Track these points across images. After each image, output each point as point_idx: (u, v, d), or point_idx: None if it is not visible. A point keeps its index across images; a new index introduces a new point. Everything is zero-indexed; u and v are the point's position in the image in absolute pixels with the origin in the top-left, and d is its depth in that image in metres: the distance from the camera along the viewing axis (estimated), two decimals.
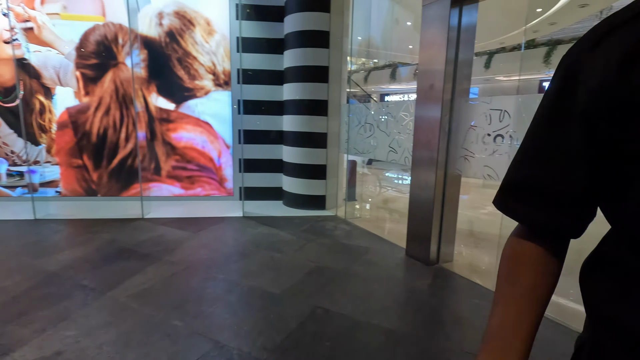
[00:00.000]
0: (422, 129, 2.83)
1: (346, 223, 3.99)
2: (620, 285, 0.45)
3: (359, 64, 15.83)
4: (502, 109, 2.36)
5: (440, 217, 2.85)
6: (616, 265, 0.46)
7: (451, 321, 2.10)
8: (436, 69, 2.66)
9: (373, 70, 15.59)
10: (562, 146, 0.47)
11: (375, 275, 2.68)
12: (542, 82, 14.28)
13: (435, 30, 2.64)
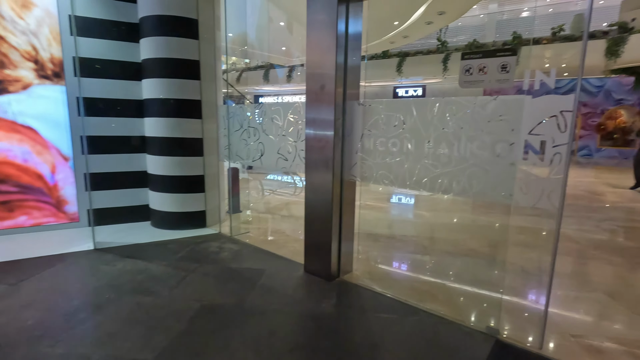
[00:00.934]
0: (315, 133, 2.58)
1: (233, 241, 3.48)
2: None
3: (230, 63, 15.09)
4: (395, 113, 2.29)
5: (339, 226, 2.67)
6: None
7: (367, 347, 1.90)
8: (326, 72, 2.44)
9: (246, 71, 15.07)
10: None
11: (276, 305, 2.30)
12: (395, 88, 16.32)
13: (323, 31, 2.42)
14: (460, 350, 1.87)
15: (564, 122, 1.70)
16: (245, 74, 14.94)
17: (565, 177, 1.72)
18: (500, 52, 1.82)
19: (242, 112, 3.35)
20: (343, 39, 2.43)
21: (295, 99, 18.70)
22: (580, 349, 1.93)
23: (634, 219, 4.85)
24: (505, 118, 1.85)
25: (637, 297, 2.57)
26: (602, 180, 8.26)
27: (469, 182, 2.01)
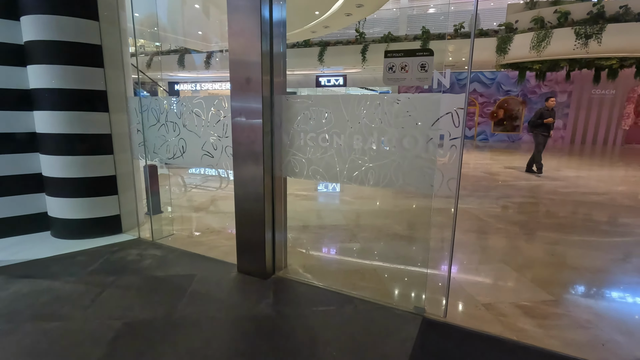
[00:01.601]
0: (242, 128, 2.47)
1: (156, 246, 3.20)
2: None
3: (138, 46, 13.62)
4: (323, 108, 2.29)
5: (272, 222, 2.62)
6: None
7: (307, 344, 1.92)
8: (251, 60, 2.33)
9: (157, 55, 13.76)
10: None
11: (210, 312, 2.19)
12: (318, 77, 16.52)
13: (246, 16, 2.30)
14: (394, 333, 2.00)
15: (458, 118, 1.89)
16: (157, 59, 13.65)
17: (460, 167, 1.93)
18: (420, 52, 1.94)
19: (159, 105, 3.05)
20: (267, 25, 2.33)
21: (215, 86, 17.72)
22: (488, 315, 2.22)
23: (523, 194, 5.70)
24: (415, 114, 1.99)
25: (529, 263, 3.04)
26: (497, 161, 9.53)
27: (395, 175, 2.12)
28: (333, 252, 3.27)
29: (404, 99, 2.03)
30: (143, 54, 13.71)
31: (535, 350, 1.88)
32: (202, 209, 4.59)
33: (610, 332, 2.07)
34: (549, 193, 5.80)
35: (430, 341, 1.94)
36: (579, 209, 4.93)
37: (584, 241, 3.61)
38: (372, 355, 1.82)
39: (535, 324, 2.15)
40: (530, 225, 4.10)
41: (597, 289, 2.63)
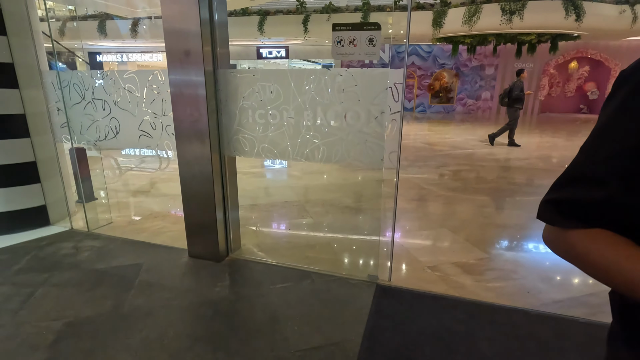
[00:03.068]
0: (184, 105, 2.30)
1: (93, 237, 2.94)
2: None
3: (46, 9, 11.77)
4: (271, 83, 2.21)
5: (222, 202, 2.53)
6: None
7: (268, 322, 1.93)
8: (190, 30, 2.14)
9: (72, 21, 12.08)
10: (620, 174, 0.44)
11: (163, 300, 2.10)
12: (259, 48, 15.82)
13: None
14: (351, 302, 2.10)
15: (397, 92, 1.96)
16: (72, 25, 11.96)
17: (400, 140, 2.02)
18: (368, 26, 1.92)
19: (82, 80, 2.70)
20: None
21: (145, 57, 16.15)
22: (433, 276, 2.42)
23: (459, 163, 6.16)
24: (359, 89, 2.01)
25: (465, 225, 3.34)
26: (434, 132, 10.12)
27: (346, 150, 2.15)
28: (286, 229, 3.29)
29: (347, 75, 2.03)
30: (54, 18, 11.96)
31: (474, 303, 2.11)
32: (141, 193, 4.28)
33: (533, 280, 2.38)
34: (481, 160, 6.33)
35: (384, 305, 2.07)
36: (505, 173, 5.47)
37: (509, 202, 4.04)
38: (332, 325, 1.90)
39: (473, 279, 2.39)
40: (465, 191, 4.47)
41: (521, 243, 2.98)
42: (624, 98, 0.44)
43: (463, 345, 1.75)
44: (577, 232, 0.50)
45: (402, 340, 1.78)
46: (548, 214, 0.54)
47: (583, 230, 0.49)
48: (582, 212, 0.49)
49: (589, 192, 0.47)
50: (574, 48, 13.57)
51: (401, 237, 3.06)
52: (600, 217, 0.47)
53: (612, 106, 0.45)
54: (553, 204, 0.53)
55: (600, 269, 0.46)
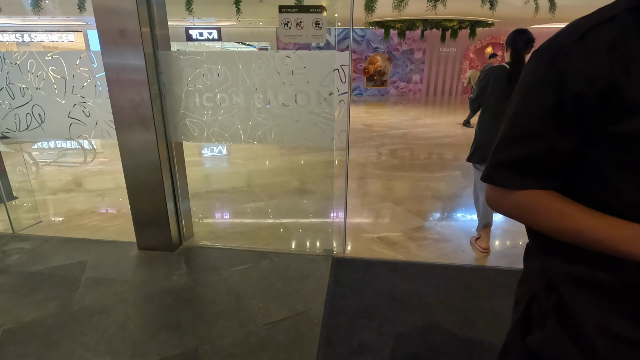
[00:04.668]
0: (123, 90, 2.16)
1: (21, 238, 2.65)
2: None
3: None
4: (218, 65, 2.17)
5: (172, 190, 2.46)
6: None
7: (232, 302, 1.97)
8: (124, 7, 2.00)
9: None
10: (552, 125, 0.54)
11: (117, 295, 2.01)
12: (188, 30, 14.85)
13: None
14: (310, 275, 2.22)
15: (344, 74, 2.09)
16: None
17: (348, 120, 2.16)
18: (314, 9, 1.98)
19: None
20: None
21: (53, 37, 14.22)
22: (382, 245, 2.64)
23: (395, 142, 6.57)
24: (307, 71, 2.09)
25: (407, 199, 3.64)
26: (371, 114, 10.57)
27: (297, 131, 2.22)
28: (240, 214, 3.28)
29: (295, 57, 2.08)
30: None
31: (419, 264, 2.36)
32: (70, 189, 3.91)
33: (466, 241, 2.72)
34: (415, 139, 6.82)
35: (341, 275, 2.22)
36: (436, 150, 5.98)
37: (441, 176, 4.47)
38: (295, 298, 2.00)
39: (416, 244, 2.66)
40: (402, 168, 4.83)
41: (454, 210, 3.36)
42: (542, 69, 0.55)
43: (413, 300, 1.97)
44: (522, 192, 0.58)
45: (360, 303, 1.96)
46: (494, 177, 0.61)
47: (528, 191, 0.58)
48: (528, 169, 0.57)
49: (531, 147, 0.56)
50: (489, 34, 14.96)
51: (350, 214, 3.25)
52: (545, 170, 0.57)
53: (530, 76, 0.56)
54: (496, 166, 0.61)
55: (542, 225, 0.57)
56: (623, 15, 0.48)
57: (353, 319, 1.84)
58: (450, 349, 1.65)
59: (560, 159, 0.56)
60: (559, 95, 0.52)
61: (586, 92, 0.50)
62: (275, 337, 1.71)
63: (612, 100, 0.48)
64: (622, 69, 0.47)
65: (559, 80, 0.52)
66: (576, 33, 0.51)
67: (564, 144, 0.54)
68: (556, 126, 0.54)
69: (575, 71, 0.50)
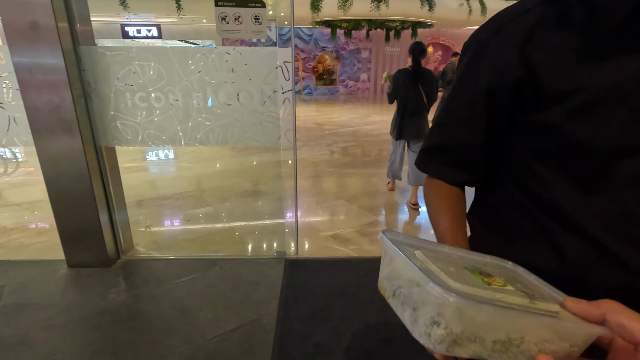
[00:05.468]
0: (39, 90, 1.91)
1: None
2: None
3: None
4: (151, 62, 2.00)
5: (105, 199, 2.24)
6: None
7: (177, 316, 1.84)
8: (35, 0, 1.77)
9: None
10: (468, 117, 0.56)
11: (43, 322, 1.78)
12: (124, 26, 13.87)
13: None
14: (262, 279, 2.14)
15: (287, 71, 2.05)
16: None
17: (294, 118, 2.13)
18: (252, 3, 1.90)
19: None
20: None
21: None
22: (335, 243, 2.63)
23: (346, 140, 6.65)
24: (248, 68, 2.01)
25: (357, 196, 3.68)
26: (322, 113, 10.63)
27: (241, 131, 2.12)
28: (185, 221, 3.10)
29: (235, 53, 1.99)
30: None
31: (371, 259, 2.38)
32: None
33: (414, 233, 2.80)
34: (365, 136, 6.96)
35: (294, 277, 2.17)
36: (386, 146, 6.14)
37: None
38: (247, 305, 1.91)
39: (368, 240, 2.68)
40: (354, 165, 4.89)
41: (404, 203, 3.45)
42: (465, 64, 0.56)
43: (367, 296, 1.98)
44: (432, 183, 0.62)
45: (314, 304, 1.92)
46: (418, 161, 0.65)
47: (434, 182, 0.62)
48: (444, 158, 0.60)
49: (448, 138, 0.59)
50: (430, 35, 15.75)
51: (303, 213, 3.21)
52: (458, 161, 0.59)
53: (459, 70, 0.58)
54: (421, 152, 0.64)
55: (430, 216, 0.62)
56: (540, 6, 0.48)
57: (307, 322, 1.80)
58: (405, 342, 1.67)
59: (469, 151, 0.58)
60: (474, 90, 0.54)
61: (497, 85, 0.51)
62: (225, 350, 1.61)
63: (527, 92, 0.48)
64: (537, 61, 0.47)
65: (476, 75, 0.53)
66: (494, 27, 0.52)
67: (472, 136, 0.56)
68: (468, 119, 0.56)
69: (489, 65, 0.51)
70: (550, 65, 0.46)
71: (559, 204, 0.48)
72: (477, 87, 0.53)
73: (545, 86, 0.46)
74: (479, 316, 0.28)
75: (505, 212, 0.57)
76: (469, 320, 0.28)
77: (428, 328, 0.29)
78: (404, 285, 0.33)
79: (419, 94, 3.11)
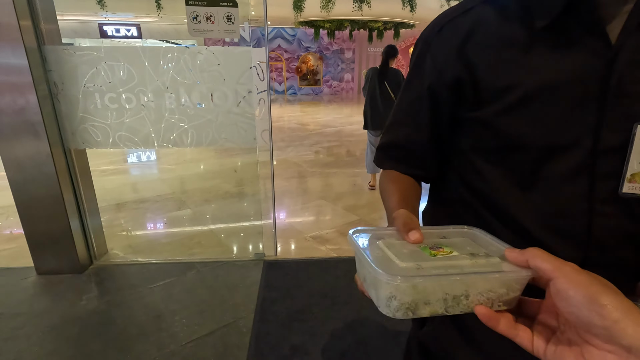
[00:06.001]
0: (1, 90, 1.84)
1: None
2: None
3: None
4: (120, 62, 1.95)
5: (76, 204, 2.17)
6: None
7: (151, 322, 1.79)
8: None
9: None
10: (413, 114, 0.57)
11: (7, 333, 1.71)
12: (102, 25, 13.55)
13: None
14: (240, 282, 2.12)
15: (262, 71, 2.03)
16: None
17: (270, 118, 2.11)
18: (224, 3, 1.87)
19: None
20: None
21: None
22: (314, 243, 2.63)
23: (330, 140, 6.65)
24: (222, 69, 1.99)
25: (340, 196, 3.68)
26: (306, 113, 10.62)
27: (216, 132, 2.09)
28: (163, 225, 3.04)
29: (208, 53, 1.96)
30: None
31: (350, 259, 2.38)
32: None
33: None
34: (348, 136, 6.98)
35: (272, 279, 2.15)
36: None
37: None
38: (223, 309, 1.88)
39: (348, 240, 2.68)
40: (337, 164, 4.90)
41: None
42: (412, 63, 0.57)
43: (344, 296, 1.98)
44: (384, 171, 0.64)
45: (292, 305, 1.91)
46: (376, 157, 0.66)
47: (387, 170, 0.63)
48: (394, 153, 0.62)
49: (397, 134, 0.60)
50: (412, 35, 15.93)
51: (284, 214, 3.19)
52: (406, 156, 0.60)
53: (409, 67, 0.58)
54: (378, 148, 0.65)
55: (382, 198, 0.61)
56: (480, 7, 0.49)
57: (284, 323, 1.78)
58: (380, 342, 1.68)
59: (416, 147, 0.59)
60: (419, 88, 0.55)
61: (437, 84, 0.52)
62: (199, 355, 1.58)
63: (466, 90, 0.49)
64: (475, 59, 0.47)
65: (422, 73, 0.54)
66: (438, 26, 0.52)
67: (418, 134, 0.57)
68: (414, 117, 0.57)
69: (430, 64, 0.52)
70: (487, 63, 0.46)
71: (499, 200, 0.49)
72: (421, 85, 0.54)
73: (483, 84, 0.47)
74: (420, 286, 0.36)
75: (453, 210, 0.57)
76: (413, 291, 0.36)
77: (387, 301, 0.37)
78: (367, 273, 0.40)
79: (386, 90, 3.46)
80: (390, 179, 0.62)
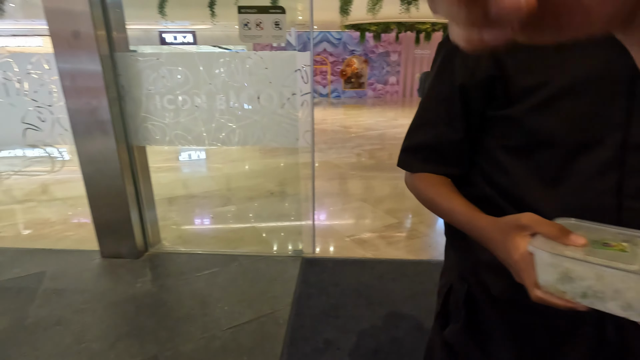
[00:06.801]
0: (79, 93, 2.09)
1: None
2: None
3: None
4: (177, 67, 2.13)
5: (136, 196, 2.39)
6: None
7: (197, 307, 1.93)
8: (77, 9, 1.95)
9: None
10: (445, 114, 0.58)
11: (76, 305, 1.94)
12: (161, 33, 14.58)
13: None
14: (279, 276, 2.20)
15: (306, 74, 2.09)
16: None
17: (312, 120, 2.16)
18: (273, 10, 1.98)
19: None
20: None
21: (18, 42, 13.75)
22: (352, 244, 2.65)
23: (372, 143, 6.63)
24: (269, 72, 2.08)
25: (380, 199, 3.68)
26: (349, 116, 10.65)
27: (262, 132, 2.20)
28: (209, 219, 3.23)
29: (256, 57, 2.07)
30: None
31: (387, 261, 2.38)
32: (31, 199, 3.75)
33: (434, 236, 2.77)
34: (391, 139, 6.91)
35: (310, 275, 2.22)
36: None
37: None
38: (261, 300, 1.98)
39: (385, 242, 2.68)
40: (379, 167, 4.88)
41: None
42: (440, 63, 0.58)
43: (380, 296, 1.99)
44: (417, 175, 0.64)
45: (327, 302, 1.95)
46: (400, 160, 0.67)
47: (419, 174, 0.63)
48: (424, 155, 0.62)
49: (426, 135, 0.61)
50: None
51: (323, 214, 3.26)
52: (438, 156, 0.61)
53: (434, 69, 0.60)
54: (403, 151, 0.66)
55: (427, 205, 0.62)
56: None
57: (319, 318, 1.83)
58: (414, 343, 1.67)
59: (451, 146, 0.59)
60: (450, 88, 0.55)
61: (469, 83, 0.52)
62: (238, 340, 1.68)
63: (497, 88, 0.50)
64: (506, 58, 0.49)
65: (451, 73, 0.55)
66: None
67: (452, 133, 0.58)
68: (446, 117, 0.57)
69: (461, 64, 0.53)
70: (518, 61, 0.48)
71: (525, 196, 0.50)
72: (452, 85, 0.55)
73: (514, 82, 0.48)
74: None
75: (478, 207, 0.59)
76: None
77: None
78: (593, 284, 0.36)
79: None
80: (431, 183, 0.61)
